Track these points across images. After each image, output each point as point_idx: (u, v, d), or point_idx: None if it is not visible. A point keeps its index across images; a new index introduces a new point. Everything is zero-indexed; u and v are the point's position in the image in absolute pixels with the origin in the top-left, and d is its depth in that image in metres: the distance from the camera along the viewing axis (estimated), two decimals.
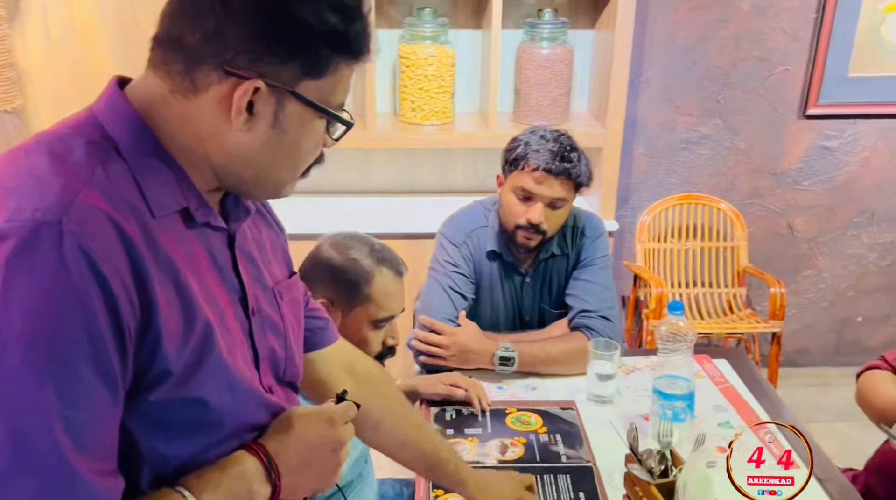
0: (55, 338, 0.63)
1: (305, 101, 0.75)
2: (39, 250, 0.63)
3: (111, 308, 0.66)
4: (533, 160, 1.65)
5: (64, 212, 0.65)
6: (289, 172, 0.81)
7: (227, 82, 0.72)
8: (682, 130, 2.85)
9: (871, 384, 1.69)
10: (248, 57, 0.71)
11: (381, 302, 1.40)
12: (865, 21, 2.70)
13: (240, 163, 0.77)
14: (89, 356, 0.65)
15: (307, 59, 0.73)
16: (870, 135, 2.88)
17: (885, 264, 3.09)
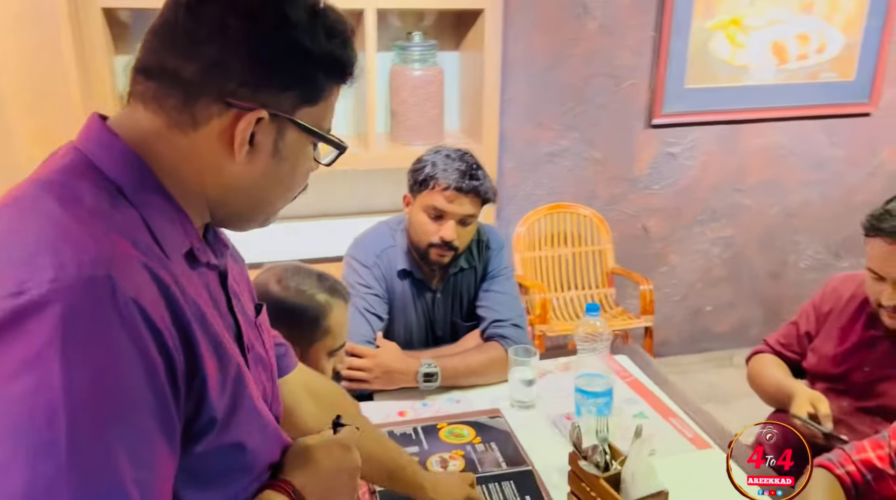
0: (123, 399, 0.59)
1: (305, 128, 0.74)
2: (95, 308, 0.59)
3: (167, 359, 0.63)
4: (443, 180, 1.70)
5: (110, 264, 0.61)
6: (283, 201, 0.80)
7: (228, 114, 0.70)
8: (546, 145, 3.02)
9: (760, 369, 1.89)
10: (250, 87, 0.70)
11: (337, 332, 1.39)
12: (696, 38, 3.00)
13: (238, 195, 0.75)
14: (154, 412, 0.61)
15: (306, 86, 0.73)
16: (707, 140, 3.20)
17: (726, 256, 3.43)
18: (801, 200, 3.43)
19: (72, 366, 0.57)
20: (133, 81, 0.72)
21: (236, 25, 0.69)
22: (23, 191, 0.67)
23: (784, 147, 3.31)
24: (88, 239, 0.62)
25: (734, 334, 3.59)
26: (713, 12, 2.99)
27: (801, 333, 1.86)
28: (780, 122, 3.26)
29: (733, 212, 3.36)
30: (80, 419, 0.57)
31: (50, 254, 0.60)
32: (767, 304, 3.57)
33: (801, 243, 3.52)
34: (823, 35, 3.15)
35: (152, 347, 0.61)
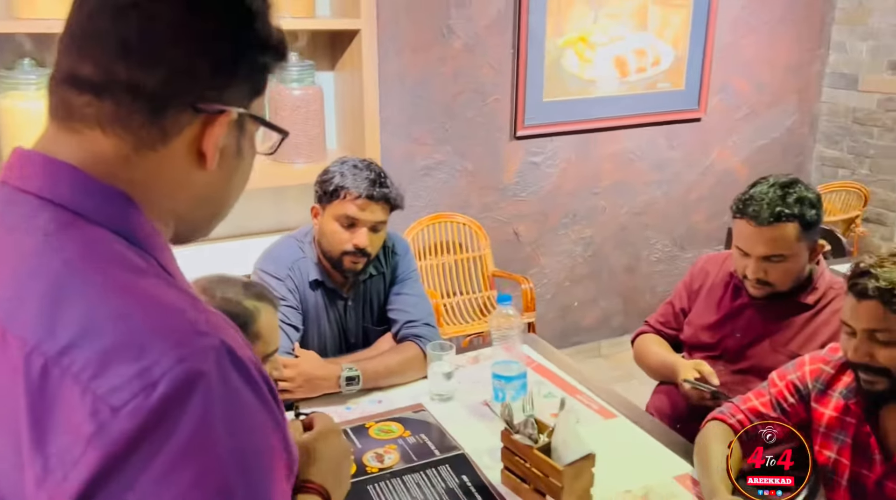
0: (270, 459, 0.60)
1: (261, 121, 0.70)
2: (224, 375, 0.57)
3: (278, 407, 0.62)
4: (354, 189, 1.76)
5: (210, 325, 0.58)
6: (236, 200, 0.75)
7: (198, 121, 0.64)
8: (421, 159, 3.15)
9: (644, 348, 2.09)
10: (217, 89, 0.64)
11: (269, 338, 1.40)
12: (550, 55, 3.26)
13: (205, 205, 0.70)
14: (287, 465, 0.62)
15: (260, 76, 0.68)
16: (565, 149, 3.46)
17: (588, 255, 3.71)
18: (647, 200, 3.78)
19: (224, 441, 0.55)
20: (70, 100, 0.63)
21: (200, 24, 0.63)
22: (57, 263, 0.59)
23: (631, 152, 3.65)
24: (181, 306, 0.59)
25: (599, 326, 3.88)
26: (563, 30, 3.27)
27: (677, 310, 2.08)
28: (626, 129, 3.59)
29: (591, 214, 3.65)
30: (248, 489, 0.57)
31: (161, 334, 0.56)
32: (626, 296, 3.89)
33: (650, 239, 3.87)
34: (657, 49, 3.52)
35: (271, 399, 0.61)
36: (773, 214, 1.68)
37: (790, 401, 1.53)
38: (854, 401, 1.44)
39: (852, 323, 1.35)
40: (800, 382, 1.53)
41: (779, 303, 1.82)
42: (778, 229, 1.69)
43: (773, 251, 1.71)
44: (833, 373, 1.50)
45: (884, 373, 1.33)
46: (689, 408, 1.87)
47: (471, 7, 3.07)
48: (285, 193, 2.83)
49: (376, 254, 1.88)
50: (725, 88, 3.77)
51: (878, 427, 1.42)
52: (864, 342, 1.33)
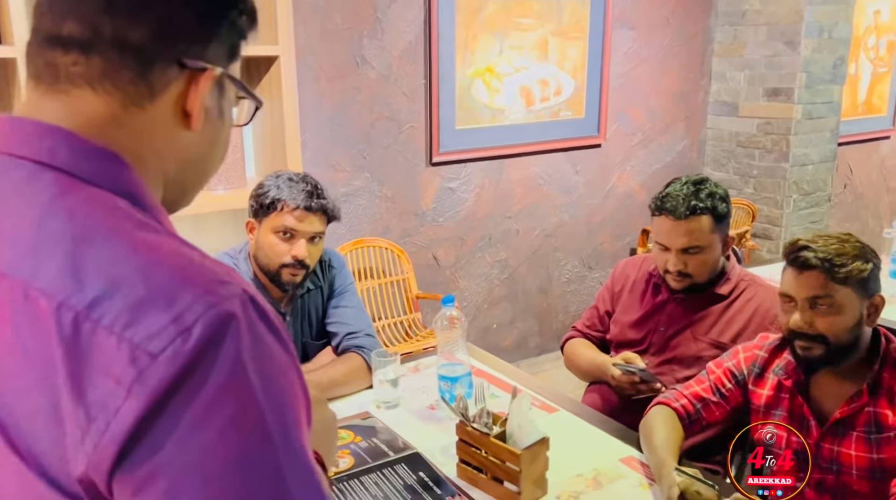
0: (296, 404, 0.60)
1: (240, 84, 0.70)
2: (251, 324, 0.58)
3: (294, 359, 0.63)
4: (291, 201, 1.78)
5: (232, 276, 0.60)
6: (217, 168, 0.74)
7: (182, 77, 0.64)
8: (341, 185, 3.18)
9: (573, 352, 2.18)
10: (201, 44, 0.65)
11: None
12: (460, 84, 3.39)
13: (191, 168, 0.70)
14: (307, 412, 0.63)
15: (237, 38, 0.69)
16: (478, 174, 3.58)
17: (504, 277, 3.82)
18: (556, 222, 3.94)
19: (258, 382, 0.56)
20: (55, 61, 0.62)
21: None
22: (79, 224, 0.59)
23: (540, 177, 3.81)
24: (199, 258, 0.60)
25: (518, 347, 3.97)
26: (471, 61, 3.41)
27: (601, 313, 2.19)
28: (533, 155, 3.75)
29: (505, 237, 3.77)
30: (281, 429, 0.58)
31: (188, 283, 0.57)
32: (540, 316, 4.02)
33: (561, 260, 4.03)
34: (558, 80, 3.72)
35: (292, 347, 0.62)
36: (689, 207, 1.83)
37: (728, 386, 1.65)
38: (787, 378, 1.57)
39: (793, 293, 1.47)
40: (736, 368, 1.66)
41: (697, 295, 1.96)
42: (694, 222, 1.83)
43: (690, 243, 1.85)
44: (767, 357, 1.63)
45: (821, 339, 1.46)
46: (620, 401, 1.97)
47: (383, 38, 3.16)
48: (205, 221, 2.79)
49: (314, 267, 1.89)
50: (621, 116, 4.02)
51: (809, 397, 1.55)
52: (805, 311, 1.46)
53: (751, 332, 1.89)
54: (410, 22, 3.22)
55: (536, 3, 3.55)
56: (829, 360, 1.49)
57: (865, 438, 1.47)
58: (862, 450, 1.47)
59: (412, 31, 3.23)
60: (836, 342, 1.46)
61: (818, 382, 1.56)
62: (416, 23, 3.23)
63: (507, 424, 1.47)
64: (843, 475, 1.50)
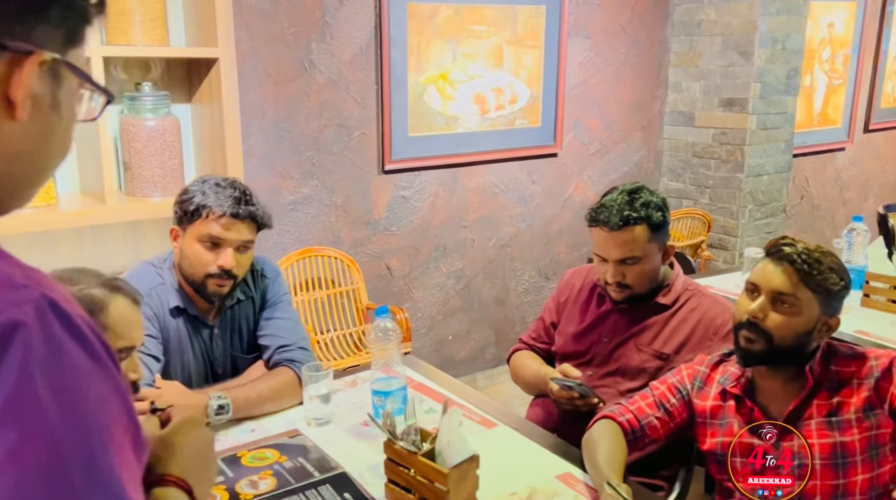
0: (105, 423, 0.53)
1: (80, 73, 0.64)
2: (48, 332, 0.52)
3: (116, 366, 0.57)
4: (217, 208, 1.69)
5: (30, 280, 0.54)
6: (57, 165, 0.68)
7: (2, 61, 0.57)
8: (288, 193, 3.09)
9: (518, 364, 2.13)
10: (24, 25, 0.58)
11: (120, 331, 1.29)
12: (413, 91, 3.32)
13: (20, 164, 0.62)
14: (127, 428, 0.56)
15: (74, 22, 0.62)
16: (432, 183, 3.51)
17: (459, 288, 3.75)
18: (512, 232, 3.89)
19: (50, 402, 0.51)
20: None
21: None
22: None
23: (495, 186, 3.76)
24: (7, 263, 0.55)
25: (473, 358, 3.90)
26: (424, 68, 3.35)
27: (547, 324, 2.14)
28: (489, 164, 3.70)
29: (461, 247, 3.71)
30: (81, 455, 0.51)
31: None
32: (497, 327, 3.96)
33: (517, 270, 3.98)
34: (514, 88, 3.68)
35: (107, 358, 0.56)
36: (623, 218, 1.79)
37: (672, 401, 1.61)
38: (733, 385, 1.54)
39: (760, 283, 1.47)
40: (679, 383, 1.64)
41: (639, 306, 1.91)
42: (628, 232, 1.79)
43: (626, 254, 1.81)
44: (708, 372, 1.63)
45: (766, 337, 1.46)
46: (562, 415, 1.91)
47: (332, 42, 3.09)
48: (142, 228, 2.69)
49: (244, 277, 1.80)
50: (578, 126, 3.99)
51: (756, 399, 1.52)
52: (765, 303, 1.46)
53: (694, 342, 1.85)
54: (361, 26, 3.15)
55: (490, 11, 3.51)
56: (767, 358, 1.49)
57: (826, 423, 1.46)
58: (824, 436, 1.46)
59: (363, 35, 3.17)
60: (780, 343, 1.46)
61: (763, 386, 1.54)
62: (366, 27, 3.17)
63: (436, 441, 1.40)
64: (804, 467, 1.46)
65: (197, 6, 2.60)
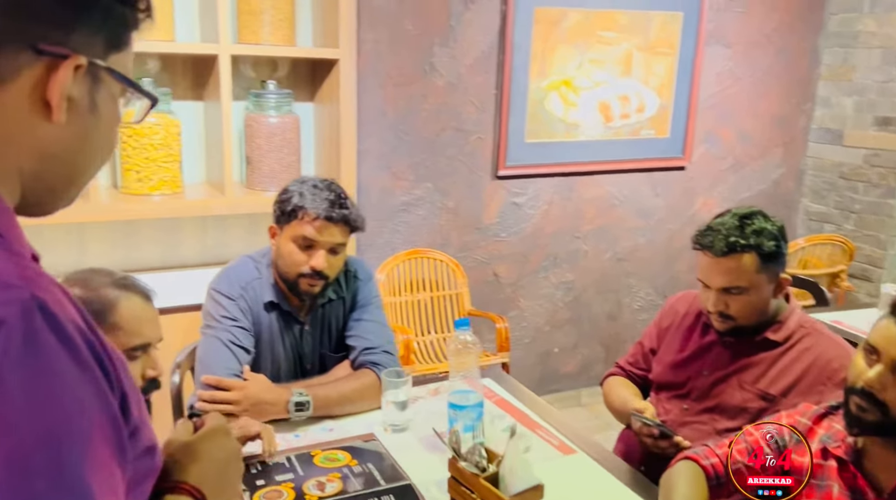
0: (81, 430, 0.53)
1: (121, 77, 0.65)
2: (32, 334, 0.52)
3: (104, 374, 0.57)
4: (312, 210, 1.72)
5: (22, 279, 0.54)
6: (98, 167, 0.70)
7: (39, 64, 0.59)
8: (401, 194, 3.12)
9: (609, 390, 2.04)
10: (63, 30, 0.60)
11: (132, 329, 1.32)
12: (533, 97, 3.26)
13: (56, 165, 0.64)
14: (109, 438, 0.56)
15: (115, 27, 0.64)
16: (547, 190, 3.44)
17: (569, 299, 3.66)
18: (630, 246, 3.74)
19: (21, 403, 0.51)
20: None
21: None
22: None
23: (614, 197, 3.62)
24: None
25: (579, 374, 3.79)
26: (547, 73, 3.28)
27: (646, 350, 2.03)
28: (609, 174, 3.58)
29: (573, 257, 3.61)
30: (51, 459, 0.51)
31: None
32: (606, 343, 3.82)
33: (633, 286, 3.82)
34: (641, 96, 3.53)
35: (92, 362, 0.56)
36: (729, 244, 1.65)
37: (766, 451, 1.47)
38: (836, 446, 1.39)
39: (881, 347, 1.28)
40: (777, 433, 1.48)
41: (746, 340, 1.76)
42: (734, 260, 1.66)
43: (731, 283, 1.67)
44: (810, 424, 1.46)
45: (882, 408, 1.27)
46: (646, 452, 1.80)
47: (454, 46, 3.08)
48: (259, 221, 2.79)
49: (335, 278, 1.82)
50: (710, 138, 3.78)
51: (862, 466, 1.36)
52: (885, 373, 1.27)
53: (805, 386, 1.69)
54: (484, 30, 3.13)
55: (622, 16, 3.39)
56: (881, 430, 1.29)
57: None
58: None
59: (485, 39, 3.14)
60: None
61: (873, 452, 1.36)
62: (490, 31, 3.14)
63: (500, 465, 1.35)
64: None
65: (323, 8, 2.67)
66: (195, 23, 2.60)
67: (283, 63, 2.78)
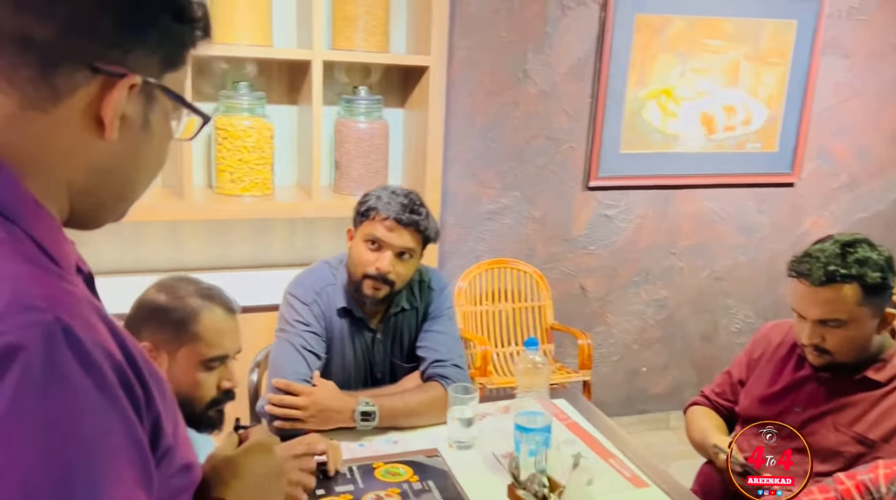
0: (102, 458, 0.52)
1: (174, 96, 0.66)
2: (53, 359, 0.51)
3: (132, 399, 0.56)
4: (384, 211, 1.71)
5: (50, 301, 0.53)
6: (148, 183, 0.70)
7: (95, 82, 0.60)
8: (487, 202, 3.08)
9: (690, 420, 1.93)
10: (120, 49, 0.60)
11: (210, 340, 1.34)
12: (630, 106, 3.15)
13: (106, 180, 0.65)
14: (134, 463, 0.55)
15: (173, 47, 0.65)
16: (641, 204, 3.31)
17: (660, 317, 3.51)
18: (729, 265, 3.55)
19: (38, 431, 0.49)
20: None
21: None
22: None
23: (714, 212, 3.45)
24: (19, 279, 0.54)
25: (669, 395, 3.63)
26: (646, 82, 3.16)
27: (735, 381, 1.90)
28: (709, 188, 3.41)
29: (667, 274, 3.46)
30: (65, 491, 0.50)
31: None
32: (700, 365, 3.64)
33: (731, 307, 3.63)
34: (748, 108, 3.34)
35: (118, 388, 0.54)
36: (827, 273, 1.52)
37: None
38: None
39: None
40: (872, 483, 1.36)
41: (844, 377, 1.62)
42: (832, 291, 1.52)
43: (827, 315, 1.54)
44: None
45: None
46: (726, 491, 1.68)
47: (549, 53, 3.02)
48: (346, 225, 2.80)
49: (402, 286, 1.80)
50: (823, 154, 3.54)
51: None
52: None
53: None
54: (581, 37, 3.04)
55: (730, 24, 3.22)
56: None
57: None
58: None
59: (582, 46, 3.05)
60: None
61: None
62: (587, 38, 3.05)
63: (561, 497, 1.29)
64: None
65: (417, 15, 2.67)
66: (293, 28, 2.66)
67: (375, 69, 2.80)
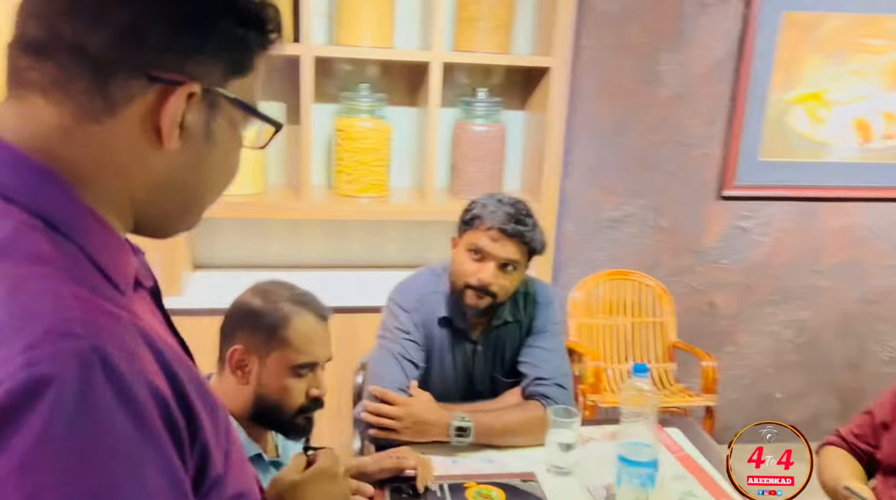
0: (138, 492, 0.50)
1: (240, 104, 0.63)
2: (85, 390, 0.48)
3: (174, 434, 0.53)
4: (488, 220, 1.65)
5: (89, 328, 0.50)
6: (217, 193, 0.68)
7: (152, 91, 0.58)
8: (609, 209, 2.94)
9: (824, 461, 1.74)
10: (177, 56, 0.58)
11: (300, 346, 1.32)
12: (773, 110, 2.90)
13: (169, 192, 0.63)
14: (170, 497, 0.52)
15: (236, 52, 0.62)
16: (781, 217, 3.05)
17: (800, 341, 3.22)
18: (883, 287, 3.21)
19: (68, 465, 0.47)
20: (17, 64, 0.57)
21: None
22: None
23: (867, 229, 3.12)
24: (61, 304, 0.51)
25: (807, 425, 3.30)
26: (793, 85, 2.90)
27: (877, 422, 1.69)
28: (862, 202, 3.09)
29: (808, 294, 3.17)
30: None
31: (13, 333, 0.48)
32: (843, 396, 3.32)
33: (883, 333, 3.28)
34: None
35: (158, 422, 0.52)
36: None
37: None
38: None
39: None
40: None
41: None
42: None
43: None
44: None
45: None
46: None
47: (685, 52, 2.83)
48: None
49: (505, 299, 1.72)
50: None
51: None
52: None
53: None
54: (721, 36, 2.84)
55: (893, 23, 2.90)
56: None
57: None
58: None
59: (721, 46, 2.84)
60: None
61: None
62: (727, 38, 2.84)
63: None
64: None
65: (542, 15, 2.59)
66: (415, 30, 2.64)
67: (496, 70, 2.73)
